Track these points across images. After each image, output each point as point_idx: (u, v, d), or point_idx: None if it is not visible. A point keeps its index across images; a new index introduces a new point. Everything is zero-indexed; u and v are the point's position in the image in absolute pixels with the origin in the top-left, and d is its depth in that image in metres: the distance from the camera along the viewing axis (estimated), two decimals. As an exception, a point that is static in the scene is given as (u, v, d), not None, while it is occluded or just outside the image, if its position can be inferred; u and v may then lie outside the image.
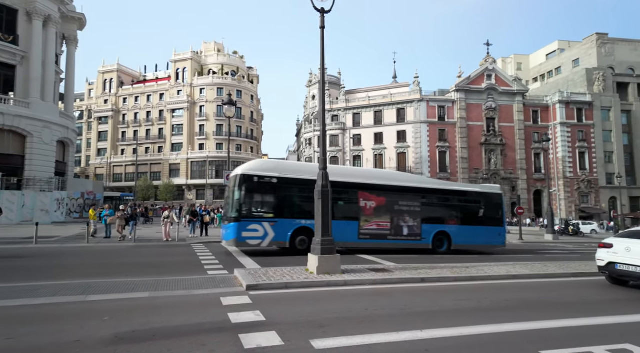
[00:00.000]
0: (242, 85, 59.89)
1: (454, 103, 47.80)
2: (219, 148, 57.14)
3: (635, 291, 8.36)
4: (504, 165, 47.70)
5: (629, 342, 4.66)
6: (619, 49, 53.22)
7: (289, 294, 7.01)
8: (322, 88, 9.63)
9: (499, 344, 4.65)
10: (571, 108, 48.22)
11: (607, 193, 47.48)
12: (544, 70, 62.40)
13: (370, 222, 13.48)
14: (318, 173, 8.99)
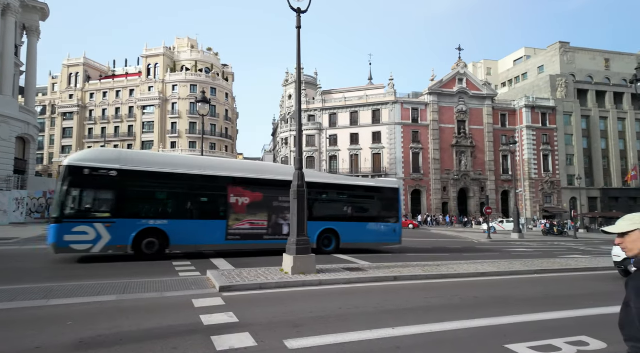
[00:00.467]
0: (216, 82, 58.78)
1: (427, 105, 49.02)
2: (192, 146, 55.82)
3: (609, 283, 8.91)
4: (474, 167, 49.42)
5: (585, 334, 4.97)
6: (579, 57, 56.42)
7: (264, 295, 6.96)
8: (298, 88, 9.63)
9: (466, 339, 4.83)
10: (536, 112, 50.63)
11: (568, 194, 50.22)
12: (511, 75, 65.19)
13: (241, 220, 12.02)
14: (294, 173, 8.99)
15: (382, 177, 47.89)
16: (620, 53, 58.53)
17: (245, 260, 11.33)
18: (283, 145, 53.51)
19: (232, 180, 12.14)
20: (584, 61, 56.42)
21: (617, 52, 58.57)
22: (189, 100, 55.56)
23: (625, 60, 57.06)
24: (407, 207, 47.41)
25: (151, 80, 57.68)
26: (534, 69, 59.83)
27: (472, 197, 49.07)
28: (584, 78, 55.24)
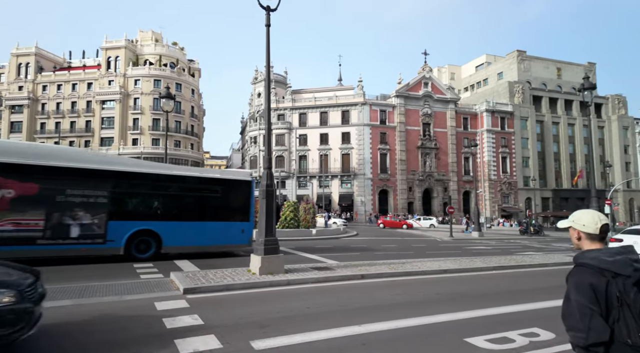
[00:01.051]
0: (182, 78, 56.88)
1: (394, 108, 50.21)
2: (155, 143, 53.67)
3: (560, 278, 9.53)
4: (438, 168, 51.25)
5: (537, 326, 5.31)
6: (534, 65, 60.09)
7: (230, 296, 6.84)
8: (268, 86, 9.54)
9: (429, 334, 5.01)
10: (496, 116, 53.34)
11: (524, 194, 53.35)
12: (473, 80, 68.25)
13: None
14: (263, 172, 8.91)
15: (351, 177, 48.56)
16: (570, 63, 62.96)
17: (211, 261, 11.06)
18: (252, 144, 52.77)
19: None
20: (539, 69, 60.15)
21: (567, 62, 62.95)
22: (152, 96, 53.36)
23: (574, 70, 61.48)
24: (375, 206, 48.34)
25: (111, 74, 54.82)
26: (494, 75, 62.99)
27: (436, 197, 50.87)
28: (539, 85, 58.89)
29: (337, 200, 48.55)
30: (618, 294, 1.70)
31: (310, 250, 14.40)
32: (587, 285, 1.75)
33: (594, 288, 1.73)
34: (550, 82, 60.12)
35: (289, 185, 48.75)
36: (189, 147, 57.13)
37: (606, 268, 1.76)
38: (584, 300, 1.73)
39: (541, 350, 4.42)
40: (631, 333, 1.65)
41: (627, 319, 1.67)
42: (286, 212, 21.31)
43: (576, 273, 1.84)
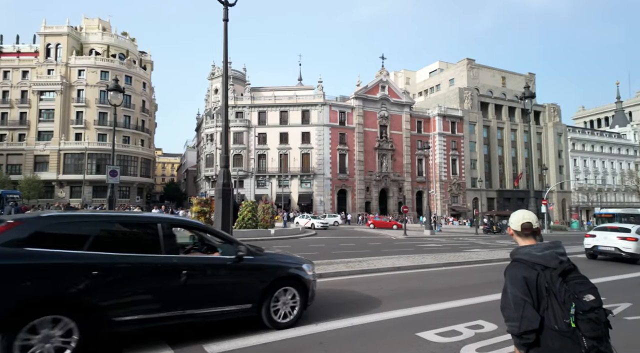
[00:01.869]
0: (132, 70, 53.66)
1: (353, 109, 51.16)
2: (101, 139, 50.14)
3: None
4: (394, 169, 53.02)
5: (481, 318, 5.67)
6: (482, 73, 64.19)
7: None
8: (225, 82, 9.28)
9: (383, 330, 5.16)
10: (447, 121, 56.25)
11: (471, 195, 56.79)
12: (427, 86, 71.44)
13: None
14: (220, 171, 8.66)
15: (311, 177, 48.75)
16: (513, 73, 68.04)
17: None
18: (208, 141, 51.10)
19: None
20: (486, 77, 64.34)
21: (511, 72, 67.98)
22: (99, 88, 49.78)
23: (517, 79, 66.53)
24: (334, 206, 48.92)
25: (51, 63, 50.33)
26: (446, 81, 66.36)
27: (392, 196, 52.60)
28: (486, 92, 63.00)
29: (296, 200, 48.49)
30: (546, 285, 1.88)
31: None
32: (521, 278, 1.94)
33: (527, 281, 1.92)
34: (496, 89, 64.56)
35: (247, 185, 47.85)
36: (139, 143, 54.05)
37: (536, 262, 1.95)
38: (518, 292, 1.92)
39: (485, 341, 4.72)
40: (557, 319, 1.83)
41: (554, 307, 1.85)
42: (244, 212, 20.90)
43: (512, 268, 2.03)
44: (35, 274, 3.52)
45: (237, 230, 19.38)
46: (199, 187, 58.86)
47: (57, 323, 3.49)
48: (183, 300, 4.22)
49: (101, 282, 3.76)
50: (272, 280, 4.92)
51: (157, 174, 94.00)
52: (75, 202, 43.56)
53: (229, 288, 4.68)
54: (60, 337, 3.49)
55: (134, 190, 51.98)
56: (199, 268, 4.46)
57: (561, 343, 1.82)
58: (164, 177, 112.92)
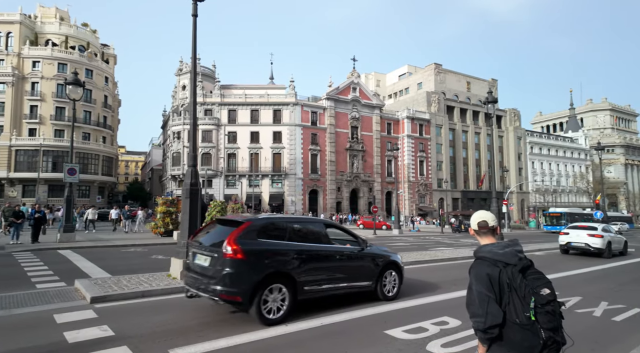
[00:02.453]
0: (93, 63, 50.90)
1: (324, 110, 51.38)
2: (59, 135, 47.20)
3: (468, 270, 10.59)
4: (364, 169, 53.81)
5: (446, 315, 5.88)
6: (449, 78, 66.55)
7: (147, 303, 6.32)
8: (194, 78, 9.02)
9: (353, 329, 5.21)
10: (415, 123, 57.83)
11: (437, 195, 58.70)
12: (396, 88, 73.09)
13: None
14: (188, 170, 8.41)
15: (282, 177, 48.44)
16: (477, 78, 71.07)
17: (125, 265, 10.08)
18: (175, 139, 49.44)
19: None
20: (452, 82, 66.78)
21: (475, 77, 70.96)
22: (56, 81, 46.83)
23: (481, 84, 69.56)
24: (305, 206, 48.88)
25: (2, 52, 46.78)
26: (414, 84, 68.20)
27: (362, 197, 53.34)
28: (452, 96, 65.37)
29: (267, 200, 48.02)
30: (508, 281, 1.99)
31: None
32: (485, 275, 2.03)
33: (490, 278, 2.01)
34: (461, 94, 67.15)
35: (216, 184, 46.80)
36: (101, 141, 51.40)
37: (498, 259, 2.06)
38: (483, 288, 2.00)
39: (450, 336, 4.89)
40: (518, 313, 1.94)
41: (515, 302, 1.96)
42: (212, 212, 20.37)
43: (476, 266, 2.13)
44: (268, 256, 5.33)
45: (205, 231, 18.91)
46: (164, 186, 56.85)
47: (280, 290, 5.33)
48: (338, 277, 6.10)
49: (297, 263, 5.55)
50: (383, 265, 6.83)
51: (120, 173, 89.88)
52: (29, 201, 40.67)
53: (360, 269, 6.54)
54: (280, 300, 5.33)
55: (94, 190, 49.37)
56: (345, 254, 6.32)
57: (522, 336, 1.93)
58: (127, 175, 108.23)
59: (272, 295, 5.23)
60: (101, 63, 52.80)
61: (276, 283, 5.26)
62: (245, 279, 5.04)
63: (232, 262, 5.01)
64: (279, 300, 5.30)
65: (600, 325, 5.75)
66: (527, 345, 1.93)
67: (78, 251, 13.07)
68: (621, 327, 5.65)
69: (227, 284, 4.96)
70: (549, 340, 1.91)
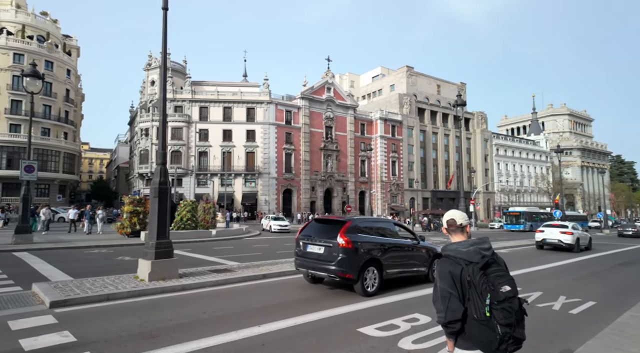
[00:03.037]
0: (53, 55, 48.06)
1: (299, 109, 51.25)
2: (15, 130, 44.20)
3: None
4: (338, 169, 54.16)
5: (417, 312, 6.01)
6: (420, 81, 68.25)
7: (113, 307, 6.04)
8: (164, 74, 8.72)
9: (326, 328, 5.22)
10: (388, 124, 58.87)
11: (409, 195, 60.08)
12: (370, 90, 74.10)
13: None
14: (156, 168, 8.12)
15: (256, 176, 47.83)
16: (447, 81, 73.34)
17: (88, 267, 9.59)
18: (142, 136, 47.64)
19: None
20: (423, 85, 68.54)
21: (445, 80, 73.20)
22: (11, 72, 43.83)
23: (450, 87, 71.85)
24: (279, 206, 48.56)
25: (-50, 39, 43.22)
26: (387, 86, 69.41)
27: (336, 196, 53.69)
28: (423, 99, 67.08)
29: (240, 200, 47.28)
30: (468, 278, 2.07)
31: (210, 252, 13.71)
32: (447, 273, 2.11)
33: (452, 275, 2.10)
34: (432, 96, 69.07)
35: (186, 183, 45.55)
36: (62, 137, 48.67)
37: (461, 257, 2.14)
38: (445, 285, 2.09)
39: (420, 333, 5.01)
40: (477, 309, 2.01)
41: (474, 298, 2.03)
42: (182, 212, 19.83)
43: (440, 263, 2.22)
44: (366, 246, 7.17)
45: (174, 231, 18.34)
46: (131, 185, 54.66)
47: (373, 272, 7.20)
48: (406, 263, 8.11)
49: (382, 252, 7.46)
50: (433, 256, 8.70)
51: (83, 171, 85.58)
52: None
53: (419, 258, 8.49)
54: (373, 279, 7.24)
55: (54, 188, 46.66)
56: (410, 246, 8.31)
57: (480, 331, 2.01)
58: (91, 173, 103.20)
59: (369, 274, 7.18)
60: (62, 55, 49.98)
61: (371, 267, 7.21)
62: (354, 263, 6.92)
63: (344, 250, 6.91)
64: (372, 279, 7.22)
65: (559, 318, 6.08)
66: (485, 340, 2.01)
67: (36, 253, 12.31)
68: (577, 320, 6.00)
69: (342, 266, 6.87)
70: (505, 335, 1.97)
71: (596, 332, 5.04)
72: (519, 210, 45.05)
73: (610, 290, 8.67)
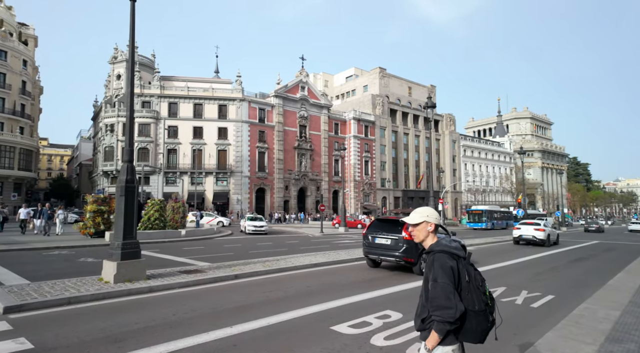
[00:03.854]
0: (8, 44, 44.91)
1: (273, 107, 50.81)
2: (-36, 124, 40.99)
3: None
4: (312, 168, 54.21)
5: (389, 308, 6.12)
6: (392, 82, 69.56)
7: (75, 310, 5.74)
8: (131, 67, 8.36)
9: (299, 327, 5.21)
10: (361, 124, 59.60)
11: (381, 194, 61.14)
12: (343, 90, 74.69)
13: None
14: (122, 166, 7.79)
15: (227, 175, 46.95)
16: (418, 84, 75.18)
17: (48, 269, 9.04)
18: (107, 132, 45.52)
19: None
20: (395, 86, 69.90)
21: (416, 83, 75.00)
22: (-40, 61, 40.58)
23: (421, 90, 73.72)
24: (252, 205, 47.93)
25: None
26: (360, 87, 70.23)
27: (310, 195, 53.72)
28: (395, 100, 68.42)
29: (211, 199, 46.24)
30: (466, 273, 2.14)
31: (179, 253, 13.32)
32: (449, 268, 2.12)
33: (453, 270, 2.12)
34: (404, 98, 70.60)
35: (154, 182, 44.00)
36: (18, 131, 45.62)
37: (455, 253, 2.18)
38: (448, 280, 2.08)
39: (392, 329, 5.10)
40: (475, 301, 2.09)
41: (472, 291, 2.10)
42: (150, 211, 19.12)
43: (439, 259, 2.17)
44: None
45: (142, 231, 17.67)
46: (95, 183, 52.12)
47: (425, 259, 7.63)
48: None
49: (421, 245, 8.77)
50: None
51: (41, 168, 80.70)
52: None
53: None
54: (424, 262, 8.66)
55: (9, 186, 43.67)
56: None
57: (477, 321, 2.09)
58: (50, 171, 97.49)
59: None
60: (18, 44, 46.82)
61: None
62: (415, 251, 9.36)
63: (408, 241, 9.41)
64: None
65: (521, 311, 6.39)
66: (481, 330, 2.10)
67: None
68: (538, 313, 6.33)
69: (406, 253, 9.46)
70: (494, 321, 2.15)
71: (555, 324, 5.34)
72: (481, 208, 46.85)
73: (568, 284, 9.23)
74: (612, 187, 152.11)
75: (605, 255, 16.73)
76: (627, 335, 4.94)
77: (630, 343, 4.60)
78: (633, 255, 14.54)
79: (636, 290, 8.01)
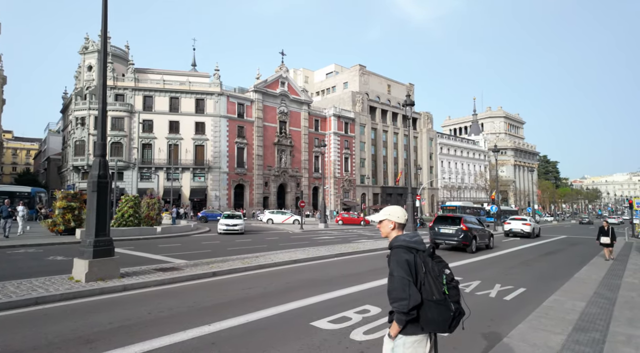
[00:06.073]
0: (-30, 30, 42.26)
1: (252, 102, 50.12)
2: None
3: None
4: (292, 165, 53.96)
5: (368, 303, 6.19)
6: (372, 80, 70.07)
7: (43, 311, 5.49)
8: (104, 59, 8.01)
9: (278, 323, 5.18)
10: (341, 121, 59.76)
11: (360, 190, 61.68)
12: (324, 86, 74.61)
13: None
14: (95, 160, 7.48)
15: (205, 170, 46.05)
16: (397, 82, 76.10)
17: (12, 270, 8.58)
18: (78, 125, 43.62)
19: None
20: (375, 84, 70.48)
21: (395, 81, 75.89)
22: None
23: (400, 88, 74.67)
24: (230, 201, 47.27)
25: None
26: (340, 83, 70.36)
27: (290, 191, 53.50)
28: (374, 97, 68.99)
29: (188, 195, 45.26)
30: (423, 264, 2.26)
31: (155, 250, 12.97)
32: (404, 261, 2.26)
33: (409, 263, 2.25)
34: (383, 95, 71.31)
35: (128, 177, 42.60)
36: (-20, 123, 43.04)
37: (413, 247, 2.32)
38: (404, 273, 2.22)
39: (371, 324, 5.16)
40: (434, 291, 2.20)
41: (430, 282, 2.22)
42: (124, 208, 18.53)
43: (395, 254, 2.34)
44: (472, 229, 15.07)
45: (115, 228, 17.10)
46: (64, 178, 49.96)
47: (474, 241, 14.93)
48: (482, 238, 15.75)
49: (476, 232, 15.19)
50: (489, 235, 16.54)
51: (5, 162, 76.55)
52: None
53: (485, 236, 16.06)
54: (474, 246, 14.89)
55: (-31, 182, 41.17)
56: (482, 229, 16.10)
57: (438, 311, 2.19)
58: (15, 165, 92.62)
59: (473, 242, 14.42)
60: (-20, 30, 44.03)
61: (473, 240, 14.45)
62: (470, 237, 14.28)
63: (465, 231, 14.30)
64: (474, 245, 14.43)
65: (495, 304, 6.61)
66: (442, 319, 2.19)
67: (-55, 255, 10.77)
68: (510, 305, 6.57)
69: (465, 239, 14.27)
70: (457, 311, 2.21)
71: (526, 316, 5.55)
72: (455, 204, 48.12)
73: (538, 276, 9.62)
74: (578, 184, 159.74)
75: (572, 249, 17.57)
76: (592, 324, 5.20)
77: (595, 332, 4.85)
78: (597, 249, 15.34)
79: (600, 282, 8.45)
